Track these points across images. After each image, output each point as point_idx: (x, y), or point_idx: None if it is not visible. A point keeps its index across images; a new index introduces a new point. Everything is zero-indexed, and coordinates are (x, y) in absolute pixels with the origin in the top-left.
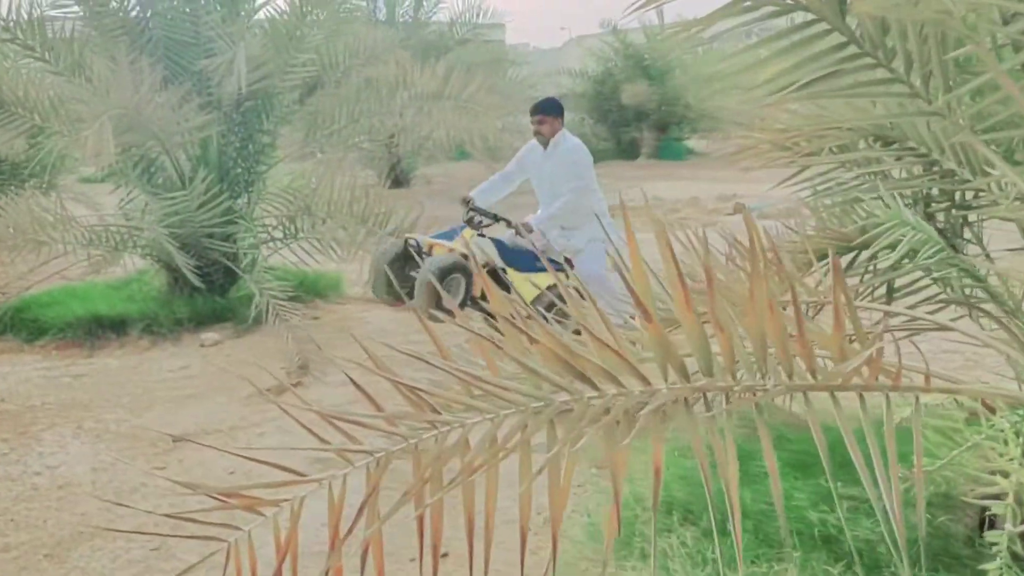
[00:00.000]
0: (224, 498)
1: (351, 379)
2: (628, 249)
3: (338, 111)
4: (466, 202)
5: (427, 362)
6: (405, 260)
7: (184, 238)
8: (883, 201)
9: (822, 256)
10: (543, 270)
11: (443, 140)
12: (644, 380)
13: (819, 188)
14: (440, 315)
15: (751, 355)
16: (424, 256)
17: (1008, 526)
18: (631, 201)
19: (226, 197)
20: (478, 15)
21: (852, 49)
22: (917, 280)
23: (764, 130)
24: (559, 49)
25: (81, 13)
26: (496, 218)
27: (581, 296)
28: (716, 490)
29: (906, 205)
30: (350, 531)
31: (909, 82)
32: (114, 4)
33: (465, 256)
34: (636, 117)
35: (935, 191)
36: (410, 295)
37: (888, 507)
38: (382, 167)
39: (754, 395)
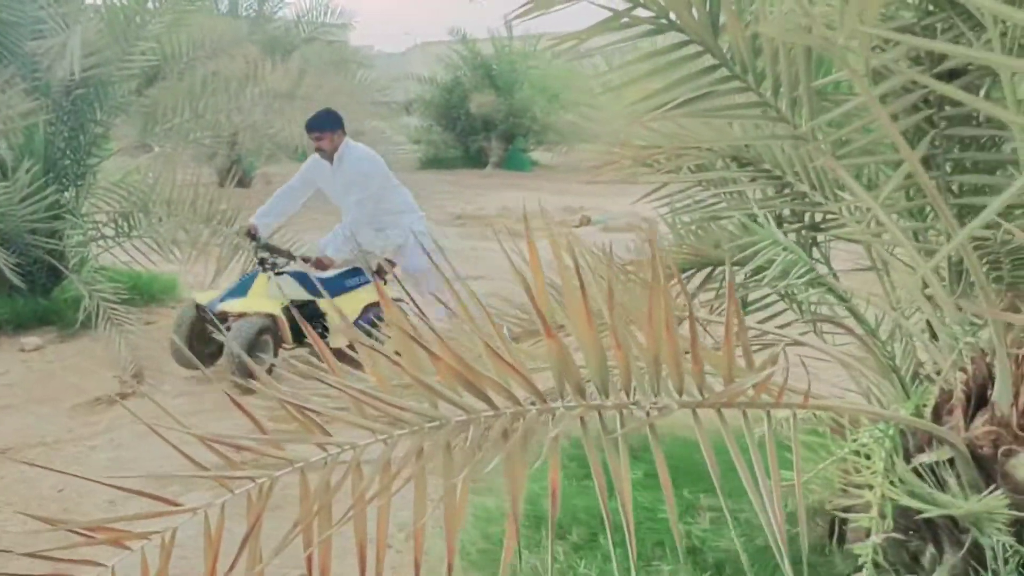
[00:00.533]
0: (88, 532)
1: (230, 397)
2: (529, 260)
3: (181, 104)
4: (251, 236)
5: (319, 379)
6: (204, 323)
7: (3, 233)
8: (747, 221)
9: (681, 270)
10: (355, 287)
11: (293, 140)
12: (541, 397)
13: (677, 205)
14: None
15: (643, 371)
16: (216, 317)
17: (874, 537)
18: (481, 210)
19: (53, 190)
20: (325, 13)
21: (723, 72)
22: (765, 296)
23: (625, 146)
24: (403, 54)
25: None
26: (291, 257)
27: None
28: (586, 505)
29: (756, 224)
30: (232, 566)
31: (776, 107)
32: None
33: (267, 314)
34: (484, 126)
35: (787, 212)
36: (214, 356)
37: (771, 517)
38: (221, 165)
39: (648, 414)
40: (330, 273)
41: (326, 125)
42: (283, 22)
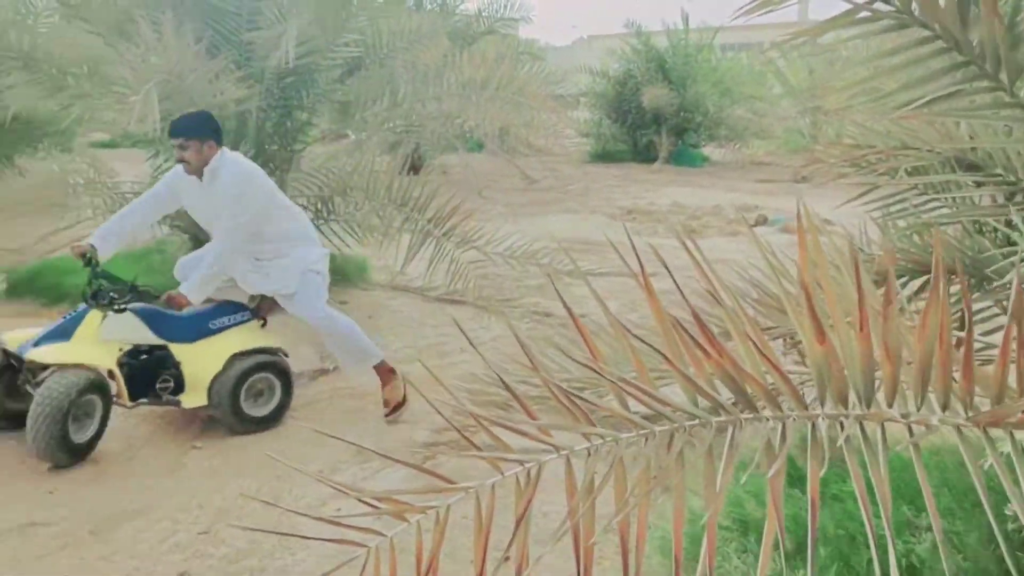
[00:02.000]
0: (375, 503)
1: (501, 377)
2: (799, 257)
3: (380, 93)
4: (86, 260)
5: (585, 365)
6: (15, 371)
7: None
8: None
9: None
10: (222, 329)
11: (479, 130)
12: (802, 404)
13: (892, 209)
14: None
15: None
16: (27, 369)
17: None
18: (652, 205)
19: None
20: (505, 7)
21: (972, 70)
22: (987, 308)
23: (834, 145)
24: (569, 47)
25: None
26: (135, 291)
27: None
28: (794, 514)
29: (979, 232)
30: (508, 549)
31: None
32: None
33: (103, 371)
34: (654, 120)
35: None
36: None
37: None
38: (403, 153)
39: (910, 430)
40: (190, 311)
41: (192, 130)
42: (463, 16)
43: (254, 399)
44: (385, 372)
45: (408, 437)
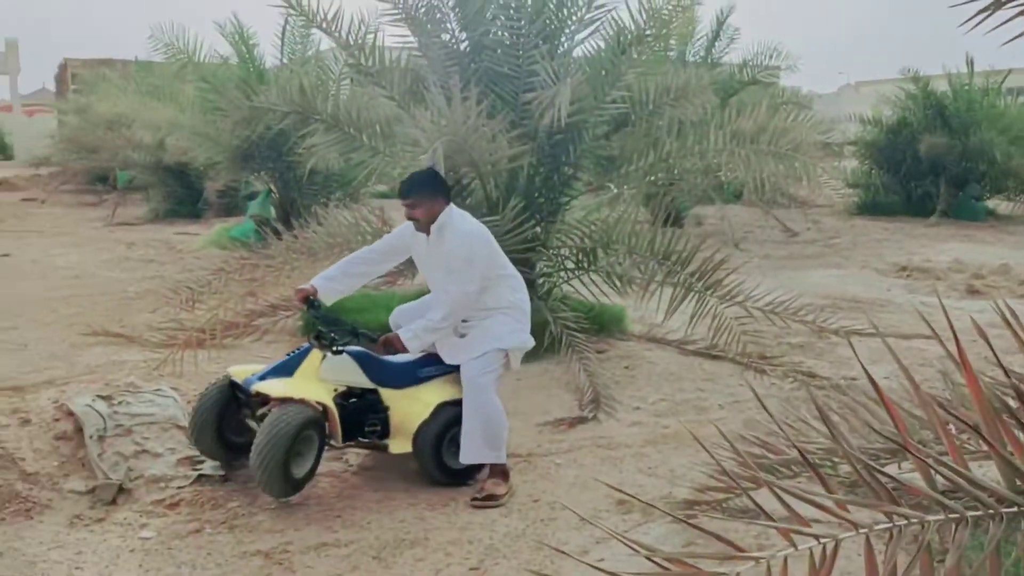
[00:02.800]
0: (666, 563)
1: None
2: None
3: (645, 148)
4: (310, 304)
5: (897, 443)
6: (239, 404)
7: None
8: None
9: None
10: (430, 377)
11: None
12: None
13: None
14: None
15: None
16: (251, 402)
17: None
18: (928, 262)
19: (530, 225)
20: (771, 57)
21: None
22: None
23: None
24: (835, 94)
25: (415, 44)
26: (356, 334)
27: None
28: None
29: None
30: None
31: None
32: (446, 36)
33: (318, 404)
34: (931, 170)
35: None
36: (246, 449)
37: None
38: (659, 204)
39: None
40: (401, 357)
41: (423, 190)
42: (728, 67)
43: (456, 450)
44: (502, 472)
45: (668, 492)
